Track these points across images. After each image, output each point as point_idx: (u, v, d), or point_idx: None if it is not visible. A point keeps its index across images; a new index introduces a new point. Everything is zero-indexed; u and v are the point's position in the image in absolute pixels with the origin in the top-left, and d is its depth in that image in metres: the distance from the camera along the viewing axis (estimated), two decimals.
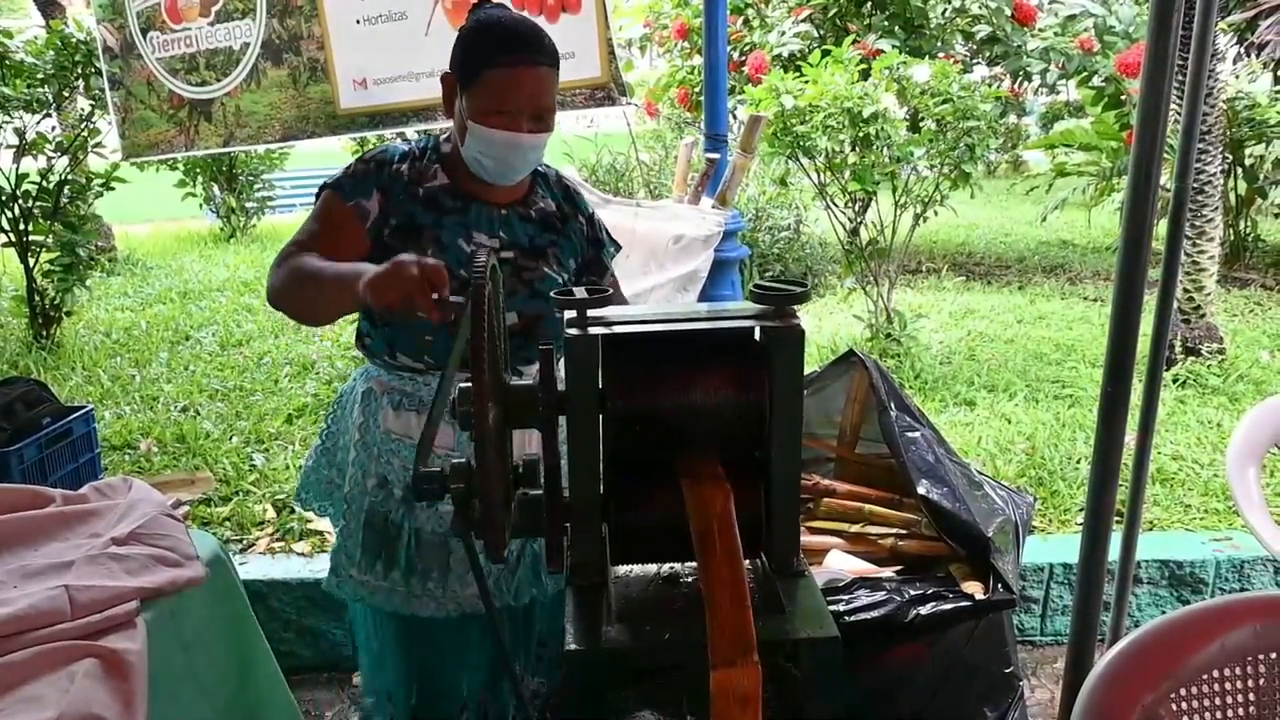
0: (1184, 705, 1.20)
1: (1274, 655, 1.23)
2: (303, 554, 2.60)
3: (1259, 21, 6.28)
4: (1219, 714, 1.21)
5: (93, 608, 1.21)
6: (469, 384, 1.04)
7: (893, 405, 2.11)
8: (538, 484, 1.15)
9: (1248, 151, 6.63)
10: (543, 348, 1.07)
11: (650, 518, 1.11)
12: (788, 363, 1.05)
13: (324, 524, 2.74)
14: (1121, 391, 1.70)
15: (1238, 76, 7.36)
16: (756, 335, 1.10)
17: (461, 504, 1.11)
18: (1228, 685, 1.22)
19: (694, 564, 1.17)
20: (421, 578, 1.51)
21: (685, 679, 1.17)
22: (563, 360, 1.17)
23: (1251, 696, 1.22)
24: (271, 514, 2.80)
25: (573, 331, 1.05)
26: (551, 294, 1.09)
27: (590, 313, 1.07)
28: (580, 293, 1.06)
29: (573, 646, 1.00)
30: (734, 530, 0.96)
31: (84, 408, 2.57)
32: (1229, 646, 1.23)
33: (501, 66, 1.40)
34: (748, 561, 1.17)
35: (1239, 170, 6.63)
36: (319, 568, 2.52)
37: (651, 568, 1.17)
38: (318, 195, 1.52)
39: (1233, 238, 6.80)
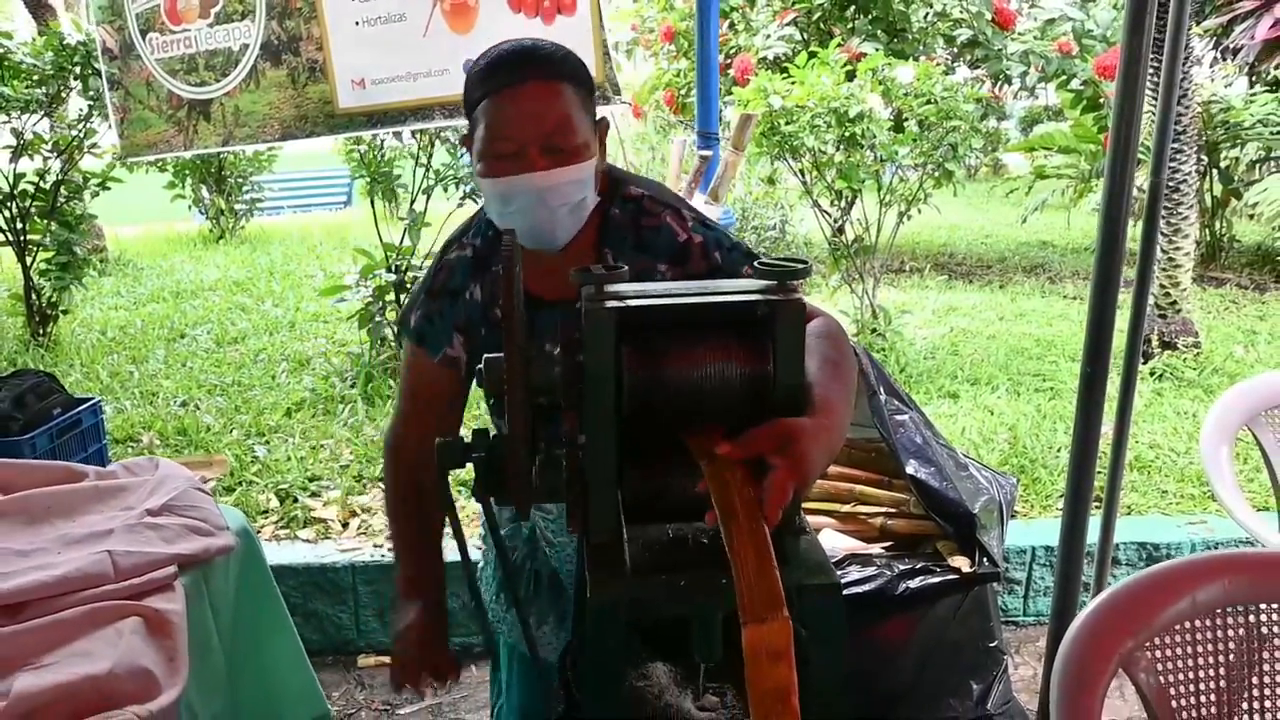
0: (1159, 654, 1.29)
1: (1240, 608, 1.33)
2: (308, 540, 2.66)
3: (1235, 26, 6.45)
4: (1191, 661, 1.30)
5: (134, 571, 1.27)
6: (498, 355, 1.12)
7: (882, 390, 2.20)
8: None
9: (1223, 154, 6.79)
10: (564, 323, 1.15)
11: (663, 482, 1.19)
12: (789, 333, 1.13)
13: (328, 512, 2.81)
14: (1099, 370, 1.81)
15: (1213, 79, 7.54)
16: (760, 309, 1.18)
17: (482, 471, 1.19)
18: (1199, 635, 1.31)
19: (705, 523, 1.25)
20: (537, 621, 1.47)
21: (698, 635, 1.25)
22: None
23: (1221, 646, 1.32)
24: (275, 503, 2.86)
25: (589, 305, 1.13)
26: (570, 272, 1.16)
27: (606, 288, 1.14)
28: (597, 269, 1.14)
29: (593, 594, 1.07)
30: (755, 501, 1.02)
31: (92, 399, 2.62)
32: (1199, 601, 1.32)
33: (488, 97, 1.17)
34: None
35: (1215, 172, 6.79)
36: (324, 553, 2.59)
37: (663, 527, 1.25)
38: (398, 340, 1.42)
39: (1210, 238, 6.97)
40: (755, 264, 1.17)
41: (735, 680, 1.33)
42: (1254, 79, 7.66)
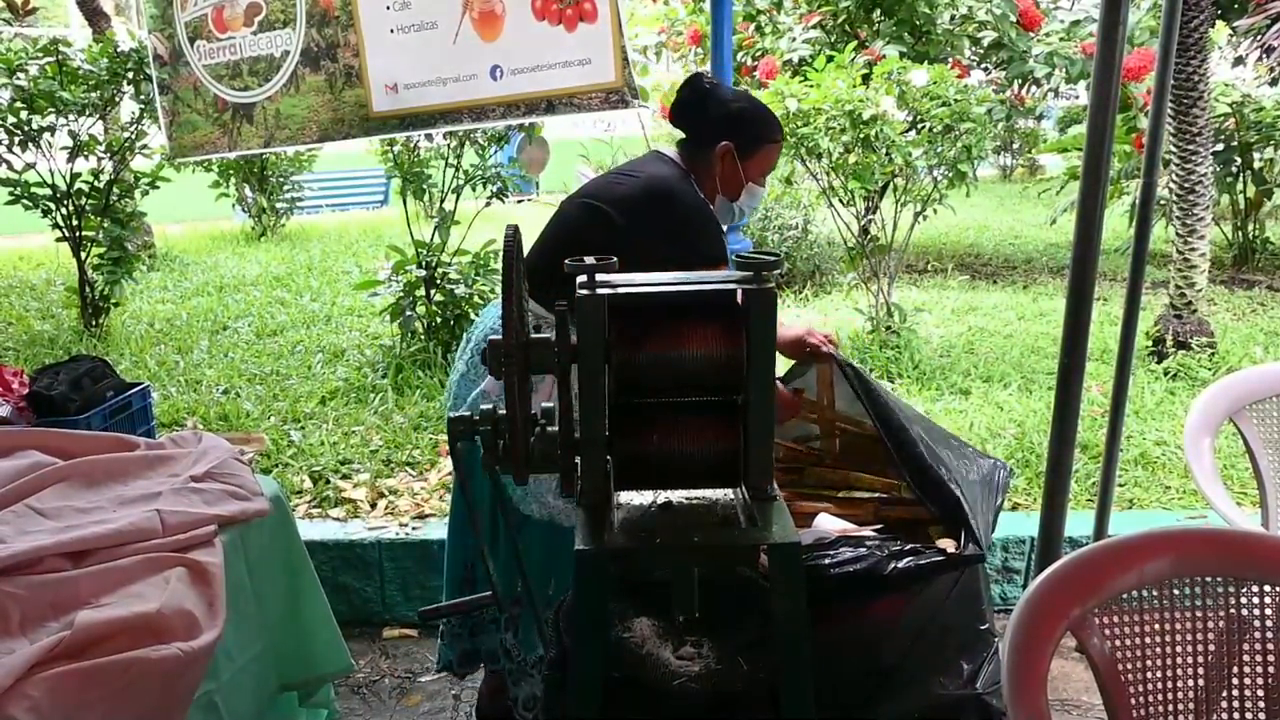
0: (1107, 621, 1.40)
1: (1187, 580, 1.43)
2: (338, 519, 2.83)
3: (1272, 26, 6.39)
4: (1138, 629, 1.40)
5: (180, 528, 1.44)
6: (498, 338, 1.26)
7: (860, 386, 2.30)
8: (553, 426, 1.36)
9: (1257, 155, 6.73)
10: (559, 307, 1.29)
11: (648, 451, 1.32)
12: (763, 318, 1.26)
13: (358, 493, 2.98)
14: (1077, 361, 1.91)
15: (1245, 80, 7.46)
16: (738, 297, 1.31)
17: (489, 443, 1.33)
18: (1145, 605, 1.41)
19: (685, 492, 1.38)
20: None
21: (676, 590, 1.38)
22: None
23: (1167, 615, 1.41)
24: (309, 484, 3.04)
25: (583, 293, 1.27)
26: (565, 262, 1.30)
27: (598, 277, 1.28)
28: (590, 260, 1.28)
29: (581, 547, 1.21)
30: None
31: (142, 384, 2.81)
32: (1147, 573, 1.42)
33: (774, 143, 2.03)
34: (730, 490, 1.39)
35: (1248, 174, 6.73)
36: (353, 531, 2.75)
37: (649, 497, 1.38)
38: None
39: (1242, 240, 6.92)
40: (735, 256, 1.31)
41: (711, 633, 1.46)
42: None
